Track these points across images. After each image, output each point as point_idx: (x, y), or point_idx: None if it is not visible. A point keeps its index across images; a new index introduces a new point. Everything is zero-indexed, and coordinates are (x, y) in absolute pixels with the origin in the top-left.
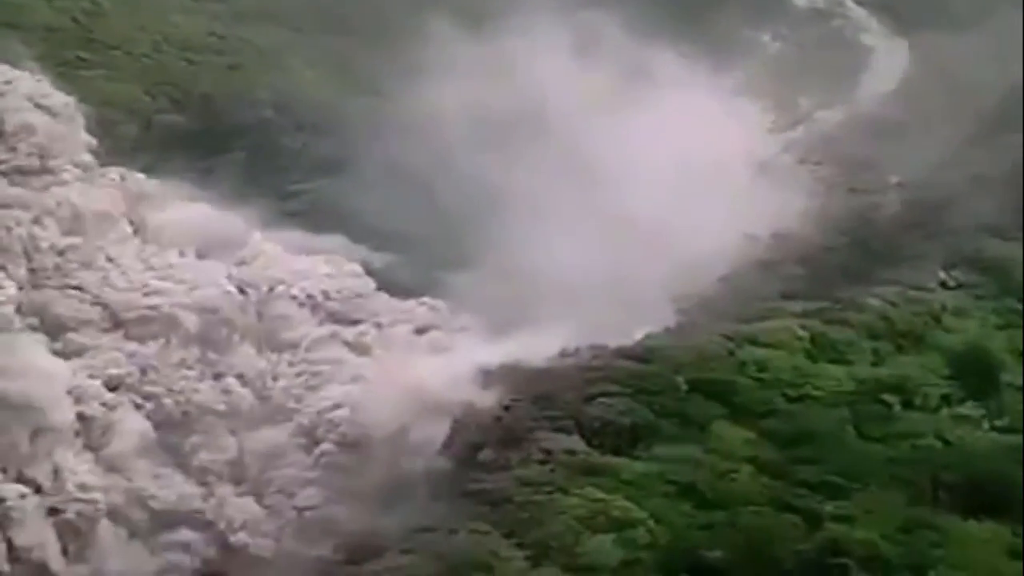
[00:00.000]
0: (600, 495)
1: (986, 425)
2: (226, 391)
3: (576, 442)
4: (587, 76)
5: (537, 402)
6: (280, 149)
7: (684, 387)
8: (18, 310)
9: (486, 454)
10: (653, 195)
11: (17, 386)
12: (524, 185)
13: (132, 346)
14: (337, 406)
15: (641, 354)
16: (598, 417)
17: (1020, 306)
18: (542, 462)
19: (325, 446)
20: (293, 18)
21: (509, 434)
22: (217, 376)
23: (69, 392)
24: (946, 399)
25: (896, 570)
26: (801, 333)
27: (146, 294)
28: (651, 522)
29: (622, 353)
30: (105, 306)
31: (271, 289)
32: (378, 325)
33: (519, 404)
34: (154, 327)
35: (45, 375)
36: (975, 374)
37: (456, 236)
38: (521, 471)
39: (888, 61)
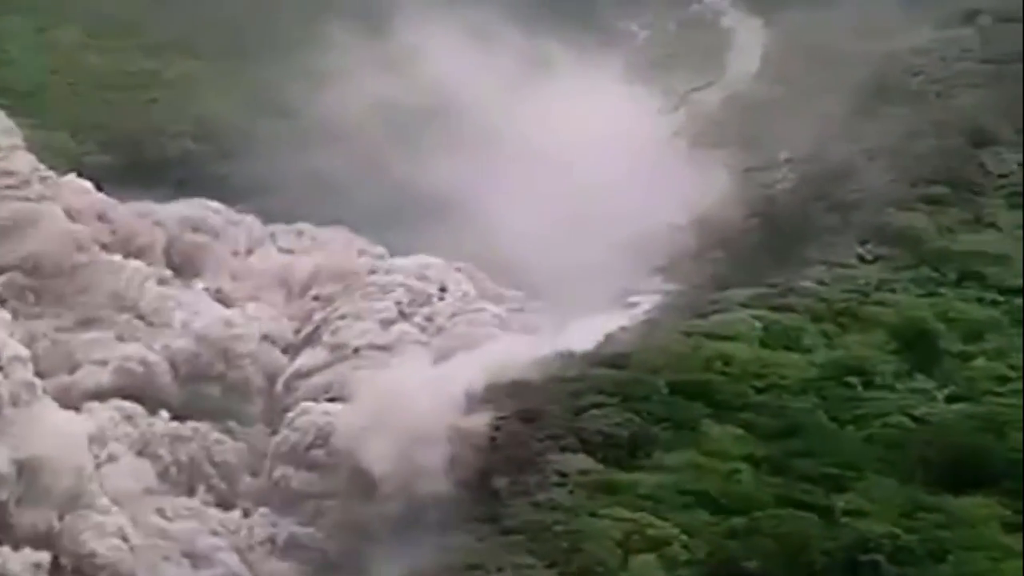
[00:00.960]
0: (626, 514)
1: (939, 396)
2: None
3: (585, 460)
4: (486, 68)
5: (526, 419)
6: (207, 178)
7: (665, 390)
8: None
9: (499, 481)
10: (575, 183)
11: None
12: (445, 179)
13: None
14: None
15: (613, 359)
16: (597, 431)
17: (936, 274)
18: (560, 484)
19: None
20: (196, 47)
21: (514, 457)
22: None
23: None
24: (898, 375)
25: (920, 560)
26: (755, 323)
27: None
28: (683, 537)
29: (594, 360)
30: None
31: None
32: None
33: (508, 422)
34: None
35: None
36: (917, 346)
37: (386, 238)
38: (542, 495)
39: (748, 41)
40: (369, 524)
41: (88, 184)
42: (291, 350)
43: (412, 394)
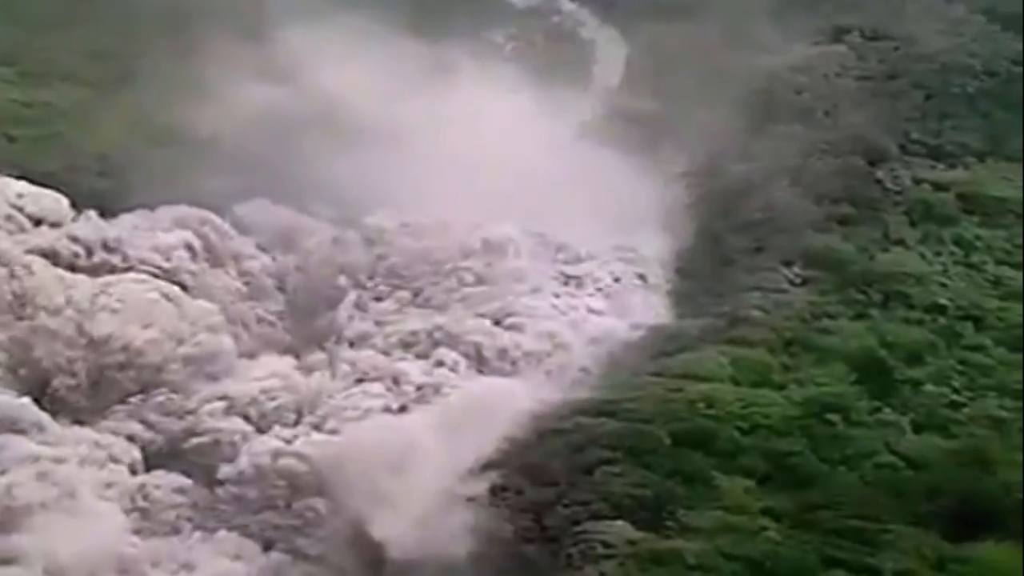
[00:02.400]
0: None
1: (907, 427)
2: None
3: (624, 527)
4: (370, 72)
5: (538, 481)
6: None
7: (668, 441)
8: None
9: (533, 550)
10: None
11: None
12: (343, 187)
13: None
14: None
15: (601, 407)
16: (623, 493)
17: (862, 296)
18: (608, 557)
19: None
20: (81, 75)
21: (545, 524)
22: None
23: None
24: (868, 409)
25: None
26: (721, 359)
27: None
28: None
29: (581, 409)
30: None
31: None
32: None
33: (515, 482)
34: None
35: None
36: (874, 376)
37: None
38: (591, 568)
39: (609, 52)
40: None
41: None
42: None
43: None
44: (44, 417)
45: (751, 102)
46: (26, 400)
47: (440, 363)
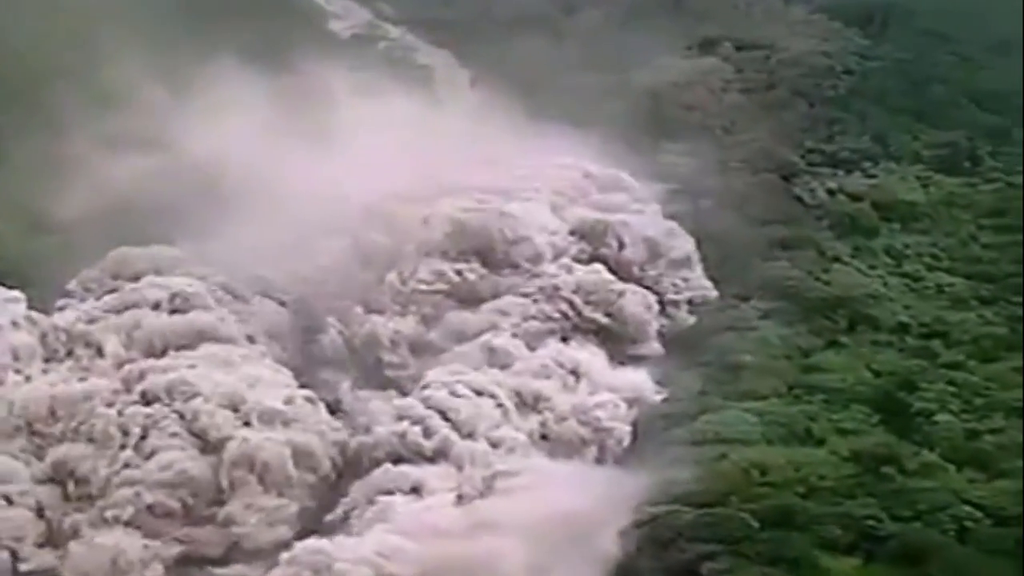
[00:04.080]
0: None
1: (951, 468)
2: None
3: None
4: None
5: None
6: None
7: (756, 524)
8: None
9: None
10: None
11: None
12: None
13: None
14: None
15: (666, 493)
16: None
17: (829, 322)
18: None
19: None
20: None
21: None
22: None
23: None
24: (907, 454)
25: None
26: (746, 417)
27: None
28: None
29: (650, 499)
30: None
31: None
32: None
33: None
34: None
35: None
36: (890, 413)
37: None
38: None
39: (450, 74)
40: None
41: None
42: None
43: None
44: None
45: (636, 120)
46: None
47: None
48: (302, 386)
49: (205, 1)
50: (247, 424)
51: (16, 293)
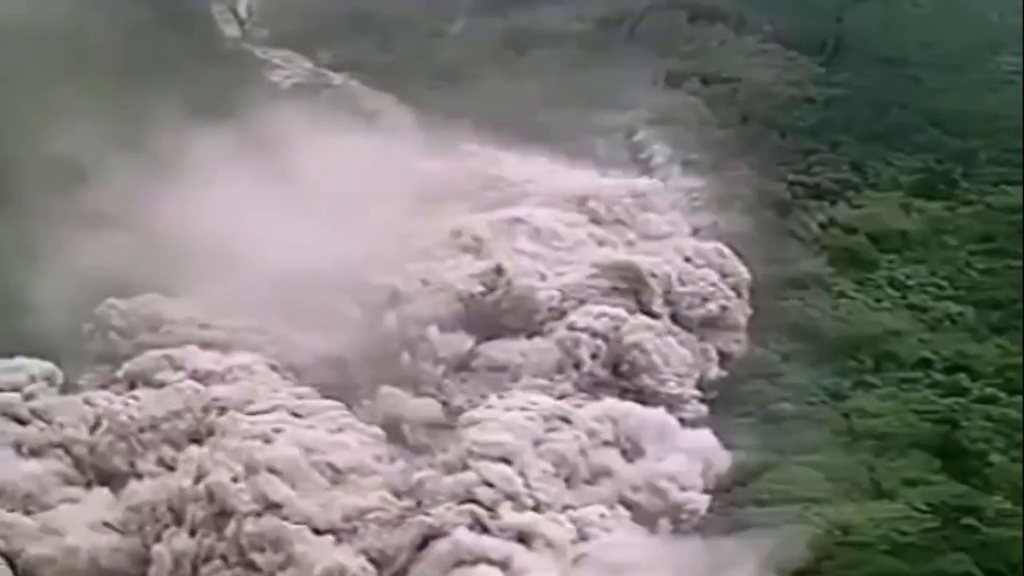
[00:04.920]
0: None
1: (1008, 507)
2: None
3: None
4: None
5: None
6: None
7: None
8: None
9: None
10: None
11: None
12: None
13: None
14: None
15: (750, 568)
16: None
17: (856, 363)
18: None
19: None
20: None
21: None
22: None
23: None
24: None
25: None
26: (809, 472)
27: None
28: None
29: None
30: None
31: None
32: None
33: None
34: None
35: None
36: (948, 456)
37: None
38: None
39: (397, 119)
40: None
41: None
42: None
43: None
44: None
45: (615, 158)
46: None
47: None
48: None
49: (140, 57)
50: None
51: None
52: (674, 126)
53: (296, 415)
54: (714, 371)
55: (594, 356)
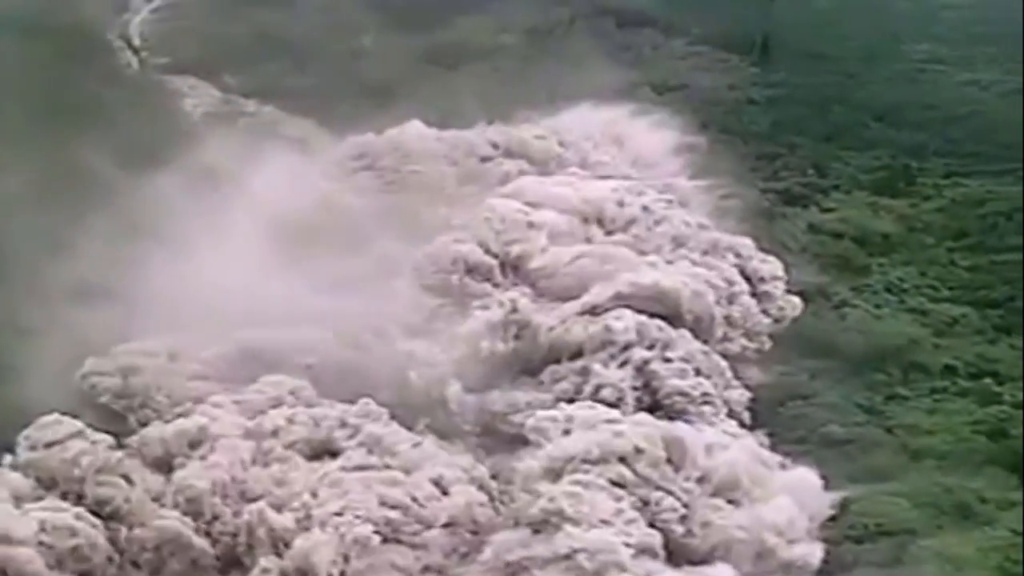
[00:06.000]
0: None
1: None
2: None
3: None
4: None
5: None
6: None
7: None
8: None
9: None
10: None
11: None
12: None
13: None
14: None
15: None
16: None
17: (882, 376)
18: None
19: None
20: None
21: None
22: None
23: None
24: None
25: None
26: (902, 502)
27: None
28: None
29: None
30: None
31: None
32: None
33: None
34: None
35: None
36: (1005, 465)
37: None
38: None
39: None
40: None
41: None
42: None
43: None
44: None
45: None
46: None
47: None
48: None
49: (50, 97)
50: None
51: None
52: None
53: None
54: (740, 394)
55: (635, 389)
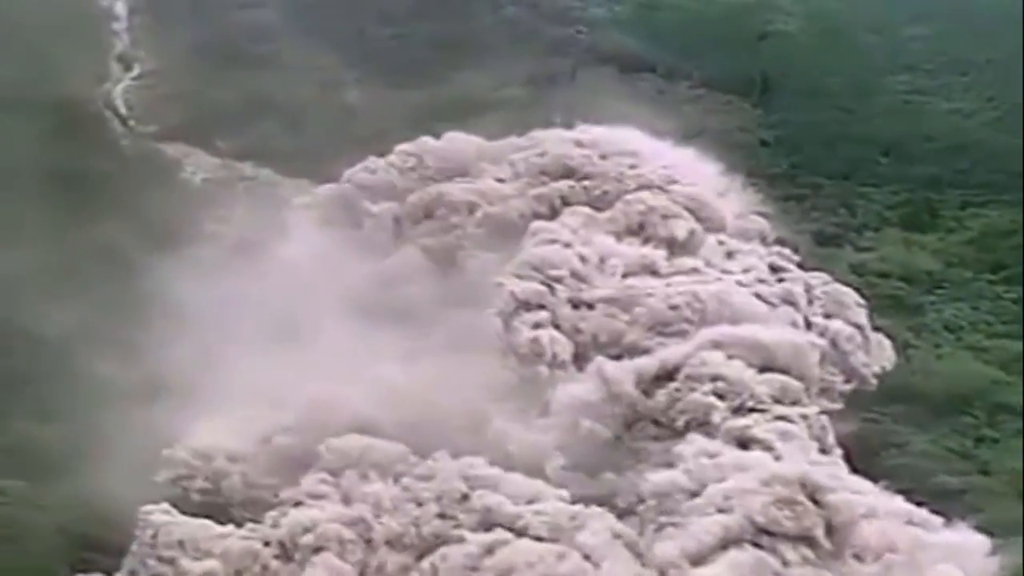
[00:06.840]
0: None
1: None
2: None
3: None
4: None
5: None
6: None
7: None
8: None
9: None
10: None
11: None
12: None
13: None
14: None
15: None
16: None
17: (970, 418)
18: None
19: None
20: None
21: None
22: None
23: None
24: None
25: None
26: None
27: None
28: None
29: None
30: None
31: None
32: None
33: None
34: None
35: None
36: None
37: None
38: None
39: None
40: None
41: None
42: None
43: None
44: None
45: None
46: None
47: None
48: None
49: (51, 177)
50: None
51: None
52: None
53: None
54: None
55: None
